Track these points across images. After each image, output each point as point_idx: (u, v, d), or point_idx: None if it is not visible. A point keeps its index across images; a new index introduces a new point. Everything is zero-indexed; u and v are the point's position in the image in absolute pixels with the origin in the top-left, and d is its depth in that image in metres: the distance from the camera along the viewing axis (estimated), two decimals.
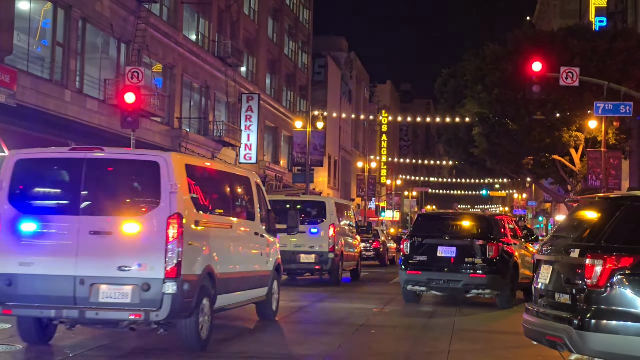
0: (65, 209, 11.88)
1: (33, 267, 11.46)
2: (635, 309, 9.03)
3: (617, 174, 45.17)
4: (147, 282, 11.19)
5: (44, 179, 12.44)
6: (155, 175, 11.51)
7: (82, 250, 11.43)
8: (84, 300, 11.30)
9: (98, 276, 11.35)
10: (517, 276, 20.05)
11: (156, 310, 11.13)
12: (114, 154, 12.52)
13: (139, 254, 11.38)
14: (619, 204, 9.92)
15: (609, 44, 46.60)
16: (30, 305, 11.40)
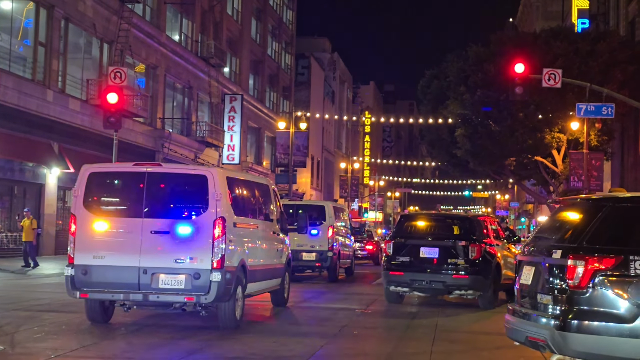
0: (131, 212, 14.57)
1: (104, 259, 14.16)
2: (617, 310, 9.07)
3: (599, 176, 45.35)
4: (198, 272, 13.85)
5: (113, 188, 15.35)
6: (204, 186, 14.22)
7: (144, 246, 14.08)
8: (147, 286, 13.94)
9: (158, 267, 13.99)
10: (499, 277, 20.10)
11: (205, 295, 13.74)
12: (170, 169, 15.92)
13: (191, 249, 13.99)
14: (600, 205, 9.95)
15: (591, 45, 46.80)
16: (102, 290, 14.06)
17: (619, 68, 45.84)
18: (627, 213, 9.78)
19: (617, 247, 9.34)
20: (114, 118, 30.12)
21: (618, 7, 57.98)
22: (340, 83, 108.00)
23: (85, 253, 14.23)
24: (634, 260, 9.13)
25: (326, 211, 28.80)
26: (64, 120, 36.70)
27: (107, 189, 15.32)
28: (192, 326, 14.97)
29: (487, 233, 20.45)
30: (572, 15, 66.64)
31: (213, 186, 14.17)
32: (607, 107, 31.69)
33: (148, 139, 45.19)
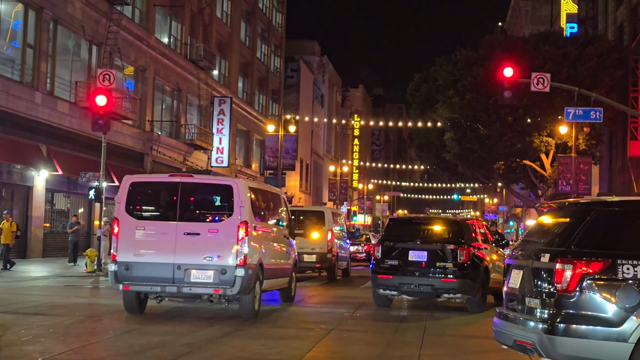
0: (166, 217, 16.72)
1: (144, 257, 16.27)
2: (605, 314, 9.09)
3: (587, 180, 45.51)
4: (224, 268, 15.93)
5: (151, 195, 17.49)
6: (229, 195, 16.37)
7: (178, 246, 16.18)
8: (180, 280, 16.04)
9: (190, 263, 16.07)
10: (487, 281, 20.11)
11: (230, 288, 15.87)
12: (201, 179, 17.35)
13: (218, 249, 16.11)
14: (589, 209, 9.97)
15: (579, 50, 46.98)
16: (142, 284, 16.19)
17: (608, 72, 46.02)
18: (615, 217, 9.80)
19: (605, 251, 9.36)
20: (103, 120, 30.07)
21: (607, 12, 58.17)
22: (330, 86, 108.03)
23: (127, 252, 16.36)
24: (622, 264, 9.16)
25: (325, 216, 31.09)
26: (53, 122, 36.61)
27: (146, 196, 17.43)
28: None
29: (476, 237, 20.47)
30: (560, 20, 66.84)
31: (238, 195, 16.34)
32: (595, 111, 31.76)
33: (137, 142, 45.13)
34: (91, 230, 39.76)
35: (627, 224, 9.74)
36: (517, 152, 48.83)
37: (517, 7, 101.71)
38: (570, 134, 44.71)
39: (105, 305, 19.00)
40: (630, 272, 9.12)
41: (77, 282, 26.65)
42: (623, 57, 48.07)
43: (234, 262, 15.92)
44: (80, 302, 20.00)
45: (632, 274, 9.11)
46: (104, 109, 29.98)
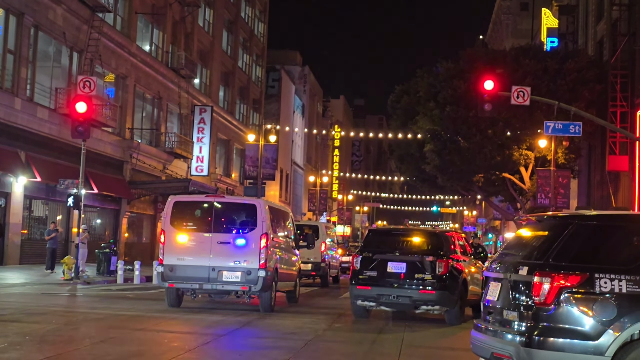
0: (203, 229, 20.63)
1: (185, 260, 20.24)
2: (582, 327, 9.12)
3: (566, 193, 45.70)
4: (249, 270, 19.92)
5: (190, 212, 21.11)
6: (254, 212, 20.46)
7: (213, 252, 20.21)
8: (214, 279, 20.05)
9: (222, 266, 20.09)
10: (466, 293, 20.13)
11: (254, 285, 19.91)
12: (231, 200, 23.27)
13: (245, 254, 20.10)
14: (567, 222, 10.02)
15: (560, 64, 47.20)
16: (184, 282, 20.19)
17: (587, 87, 46.26)
18: (593, 231, 9.85)
19: (583, 264, 9.41)
20: (83, 127, 29.97)
21: (587, 27, 58.53)
22: (311, 96, 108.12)
23: (172, 256, 20.29)
24: (599, 278, 9.20)
25: (319, 229, 35.35)
26: (32, 128, 36.43)
27: (186, 212, 21.08)
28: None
29: (455, 249, 20.49)
30: (541, 34, 67.19)
31: (260, 212, 20.39)
32: (574, 125, 31.92)
33: (116, 149, 44.98)
34: (69, 237, 39.56)
35: (605, 238, 9.79)
36: (496, 164, 48.95)
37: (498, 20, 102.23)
38: (550, 148, 44.91)
39: (82, 313, 18.90)
40: (608, 285, 9.16)
41: (55, 289, 26.50)
42: (603, 72, 48.33)
43: (257, 265, 19.94)
44: (57, 309, 19.87)
45: (609, 287, 9.15)
46: (84, 116, 29.87)
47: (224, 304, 22.20)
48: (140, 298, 24.37)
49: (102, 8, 41.07)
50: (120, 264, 32.14)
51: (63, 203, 35.86)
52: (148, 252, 51.15)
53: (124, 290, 27.97)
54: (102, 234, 45.49)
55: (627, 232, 9.90)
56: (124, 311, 19.62)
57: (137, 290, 27.80)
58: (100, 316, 18.09)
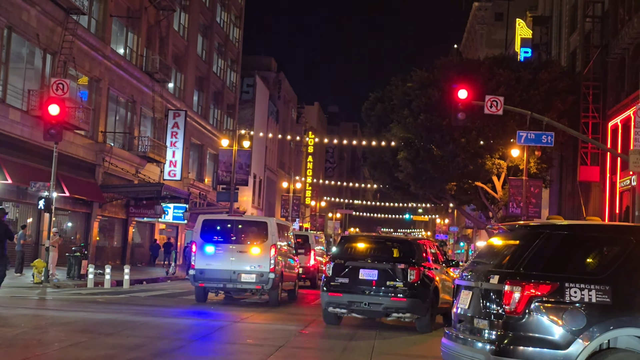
0: (226, 241, 25.67)
1: (212, 265, 25.18)
2: (552, 336, 9.17)
3: (538, 203, 45.93)
4: (262, 273, 24.98)
5: (216, 227, 26.10)
6: (265, 227, 25.76)
7: (233, 259, 25.27)
8: (235, 280, 25.09)
9: (241, 270, 25.11)
10: (437, 301, 20.17)
11: (266, 285, 25.02)
12: (247, 218, 29.84)
13: (258, 261, 25.16)
14: (538, 232, 10.07)
15: (533, 74, 47.48)
16: (211, 282, 25.23)
17: (560, 98, 46.57)
18: (563, 241, 9.91)
19: (553, 274, 9.46)
20: (55, 130, 29.77)
21: (560, 38, 58.96)
22: (285, 103, 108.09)
23: (201, 262, 25.30)
24: (569, 288, 9.26)
25: (309, 239, 40.19)
26: (3, 130, 36.16)
27: (213, 227, 26.14)
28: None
29: (426, 256, 20.53)
30: (515, 44, 67.61)
31: (270, 227, 25.74)
32: (547, 135, 32.09)
33: (89, 152, 44.73)
34: (39, 240, 39.27)
35: (575, 248, 9.85)
36: (469, 173, 49.13)
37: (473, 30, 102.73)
38: (522, 157, 45.12)
39: (51, 317, 18.76)
40: (578, 295, 9.22)
41: (24, 293, 26.30)
42: (575, 83, 48.68)
43: (268, 269, 24.98)
44: (27, 313, 19.72)
45: (579, 297, 9.21)
46: (56, 118, 29.69)
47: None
48: (111, 302, 24.25)
49: (76, 10, 40.86)
50: (90, 268, 31.93)
51: (34, 206, 35.60)
52: (119, 256, 50.88)
53: (94, 294, 27.81)
54: (73, 238, 45.20)
55: (597, 242, 9.96)
56: (94, 315, 19.50)
57: (108, 295, 27.65)
58: (70, 320, 17.96)
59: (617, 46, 43.89)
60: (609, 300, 9.20)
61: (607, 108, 46.76)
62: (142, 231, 56.84)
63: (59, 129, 30.13)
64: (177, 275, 42.85)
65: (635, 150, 27.72)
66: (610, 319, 9.13)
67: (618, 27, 44.40)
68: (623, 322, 9.16)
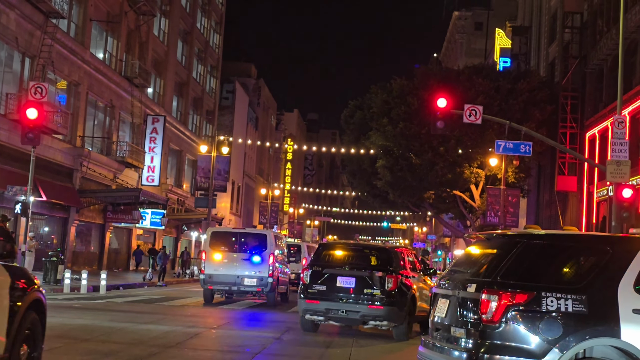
0: (231, 250, 29.36)
1: (219, 271, 28.72)
2: (528, 345, 9.19)
3: (515, 212, 46.14)
4: (262, 277, 28.57)
5: (222, 238, 30.19)
6: (265, 238, 29.58)
7: (238, 266, 28.82)
8: (239, 284, 28.65)
9: (244, 275, 28.66)
10: (414, 309, 20.17)
11: (265, 288, 28.53)
12: (249, 230, 32.77)
13: (259, 267, 28.72)
14: (515, 241, 10.10)
15: (512, 84, 47.74)
16: (218, 285, 28.81)
17: (538, 107, 46.83)
18: (540, 250, 9.94)
19: (530, 283, 9.49)
20: (33, 134, 29.61)
21: (539, 49, 59.29)
22: (264, 109, 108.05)
23: (210, 268, 28.91)
24: (546, 297, 9.28)
25: (302, 249, 43.70)
26: None
27: (220, 238, 30.05)
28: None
29: (404, 265, 20.53)
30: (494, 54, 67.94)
31: (269, 239, 29.66)
32: (525, 145, 32.23)
33: (67, 157, 44.51)
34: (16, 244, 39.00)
35: (552, 257, 9.89)
36: (447, 182, 49.29)
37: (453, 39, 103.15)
38: (500, 167, 45.32)
39: None
40: (554, 304, 9.25)
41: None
42: (554, 93, 48.97)
43: (267, 274, 28.67)
44: None
45: (555, 306, 9.24)
46: (34, 122, 29.52)
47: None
48: (87, 308, 24.11)
49: (56, 14, 40.68)
50: (67, 273, 31.75)
51: (10, 210, 35.36)
52: (96, 261, 50.64)
53: (71, 299, 27.64)
54: (50, 242, 44.94)
55: (574, 252, 10.00)
56: (70, 320, 19.39)
57: (84, 300, 27.50)
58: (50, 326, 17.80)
59: (596, 57, 44.20)
60: (585, 310, 9.23)
61: (585, 118, 47.06)
62: (120, 236, 56.60)
63: (37, 133, 29.97)
64: (153, 282, 42.67)
65: (613, 161, 27.89)
66: (586, 329, 9.16)
67: (597, 38, 44.71)
68: (599, 331, 9.20)
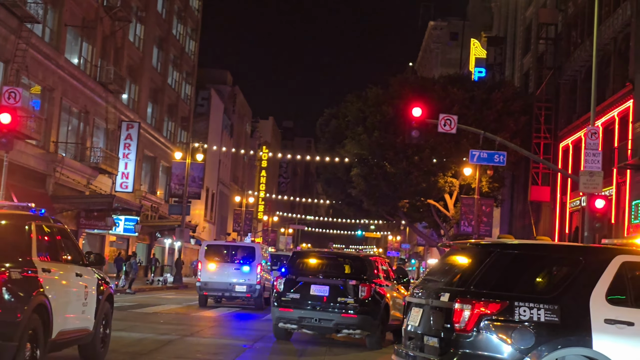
0: (224, 260, 33.43)
1: (214, 279, 32.57)
2: (500, 355, 9.22)
3: (489, 221, 46.33)
4: (250, 285, 32.35)
5: (216, 250, 34.31)
6: (253, 250, 33.84)
7: (230, 274, 32.64)
8: (231, 289, 32.37)
9: (235, 282, 32.35)
10: (387, 318, 20.15)
11: (253, 294, 32.40)
12: (239, 244, 38.45)
13: (248, 276, 32.54)
14: (489, 250, 10.13)
15: (487, 94, 47.96)
16: (212, 291, 32.82)
17: (512, 117, 47.07)
18: (513, 260, 9.98)
19: (503, 292, 9.51)
20: (6, 139, 29.41)
21: (514, 59, 59.61)
22: (240, 116, 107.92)
23: (205, 276, 32.77)
24: (519, 306, 9.31)
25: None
26: None
27: (214, 250, 34.14)
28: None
29: (378, 273, 20.51)
30: (470, 64, 68.25)
31: (257, 251, 33.81)
32: (499, 155, 32.36)
33: (40, 162, 44.23)
34: None
35: (525, 267, 9.93)
36: (421, 191, 49.40)
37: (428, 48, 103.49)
38: (474, 176, 45.51)
39: None
40: (527, 314, 9.28)
41: None
42: (528, 103, 49.25)
43: (255, 282, 32.30)
44: None
45: (528, 316, 9.27)
46: (7, 127, 29.31)
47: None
48: None
49: (30, 19, 40.46)
50: None
51: None
52: None
53: None
54: None
55: (547, 262, 10.05)
56: None
57: None
58: None
59: (570, 68, 44.50)
60: (557, 320, 9.27)
61: (558, 129, 47.35)
62: (93, 243, 56.27)
63: (10, 138, 29.76)
64: (123, 288, 42.39)
65: (586, 172, 28.07)
66: (558, 338, 9.20)
67: (571, 49, 45.03)
68: (571, 341, 9.24)
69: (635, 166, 35.13)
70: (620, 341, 9.32)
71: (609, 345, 9.27)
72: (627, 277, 9.74)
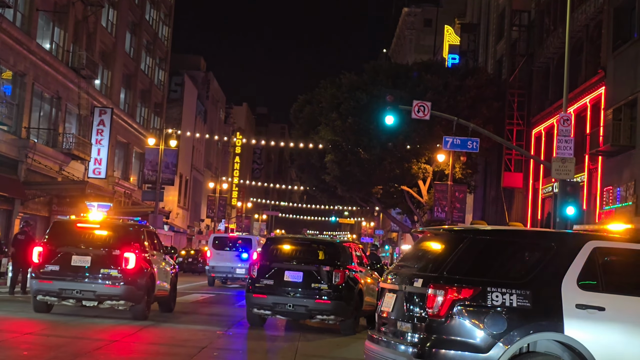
0: (226, 248, 42.29)
1: (219, 264, 41.50)
2: (473, 340, 9.28)
3: (462, 207, 46.54)
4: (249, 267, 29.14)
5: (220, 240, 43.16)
6: (250, 241, 43.59)
7: (231, 260, 41.59)
8: (233, 272, 41.47)
9: (236, 266, 41.22)
10: (361, 303, 20.22)
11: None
12: (240, 235, 47.18)
13: (247, 261, 38.49)
14: (462, 236, 10.18)
15: (460, 81, 48.08)
16: (219, 273, 41.92)
17: (486, 104, 47.24)
18: (486, 245, 10.04)
19: (476, 278, 9.57)
20: None
21: (487, 46, 59.78)
22: (213, 102, 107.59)
23: (213, 261, 41.33)
24: (491, 292, 9.38)
25: (253, 242, 49.12)
26: None
27: (219, 241, 42.45)
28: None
29: (352, 259, 20.58)
30: (443, 51, 68.34)
31: (254, 241, 42.88)
32: (472, 141, 32.47)
33: (11, 148, 43.90)
34: None
35: (498, 253, 9.99)
36: (395, 177, 49.52)
37: (402, 35, 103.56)
38: (448, 162, 45.65)
39: None
40: (499, 299, 9.35)
41: None
42: (501, 90, 49.46)
43: None
44: None
45: (500, 301, 9.34)
46: None
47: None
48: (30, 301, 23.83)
49: (1, 3, 40.06)
50: (10, 266, 31.29)
51: None
52: None
53: (15, 292, 27.31)
54: None
55: (519, 248, 10.12)
56: (13, 314, 19.15)
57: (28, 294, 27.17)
58: None
59: (543, 55, 44.71)
60: (529, 305, 9.34)
61: (531, 116, 47.60)
62: None
63: None
64: None
65: (558, 158, 28.22)
66: (530, 323, 9.27)
67: (544, 36, 45.23)
68: (542, 326, 9.32)
69: (607, 152, 35.39)
70: (591, 326, 9.41)
71: (580, 330, 9.35)
72: (599, 262, 9.82)
